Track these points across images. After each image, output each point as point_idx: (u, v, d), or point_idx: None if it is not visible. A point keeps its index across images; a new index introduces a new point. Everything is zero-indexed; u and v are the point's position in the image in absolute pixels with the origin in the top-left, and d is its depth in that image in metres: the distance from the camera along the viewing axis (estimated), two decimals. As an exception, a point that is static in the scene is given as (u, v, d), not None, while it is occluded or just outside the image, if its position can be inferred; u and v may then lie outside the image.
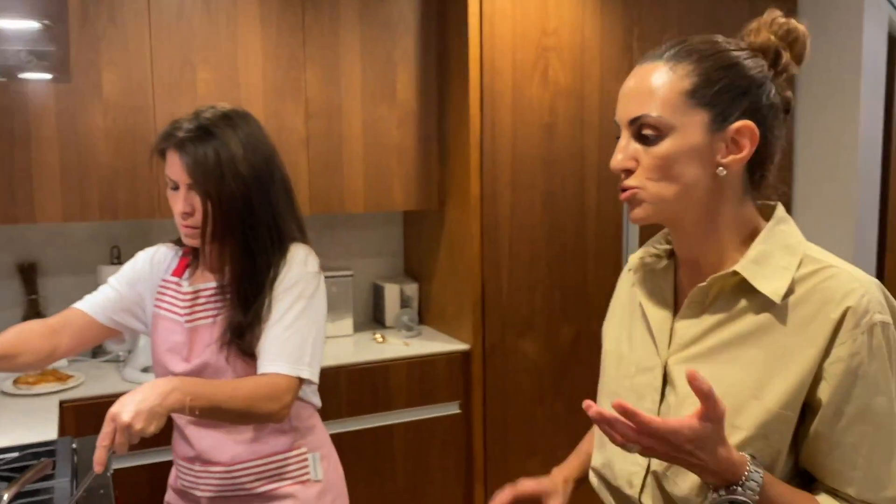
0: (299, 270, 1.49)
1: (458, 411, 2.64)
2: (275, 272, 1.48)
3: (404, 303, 2.98)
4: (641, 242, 2.81)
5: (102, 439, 1.22)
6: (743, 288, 0.97)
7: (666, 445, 0.86)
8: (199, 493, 1.56)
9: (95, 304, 1.58)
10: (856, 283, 0.93)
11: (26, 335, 1.50)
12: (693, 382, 0.83)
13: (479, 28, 2.53)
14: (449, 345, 2.67)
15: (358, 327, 2.92)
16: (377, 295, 3.03)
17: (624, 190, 1.01)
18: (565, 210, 2.72)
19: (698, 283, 1.00)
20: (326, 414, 1.98)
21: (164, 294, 1.58)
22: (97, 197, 2.31)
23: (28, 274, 2.56)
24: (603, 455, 1.12)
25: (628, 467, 1.05)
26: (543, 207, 2.68)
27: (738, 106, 0.95)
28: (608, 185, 2.77)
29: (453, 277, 2.75)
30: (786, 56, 0.98)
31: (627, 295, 1.16)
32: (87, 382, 2.28)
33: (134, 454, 2.21)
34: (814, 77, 3.04)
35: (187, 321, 1.52)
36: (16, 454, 1.60)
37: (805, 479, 0.98)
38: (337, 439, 1.78)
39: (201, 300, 1.53)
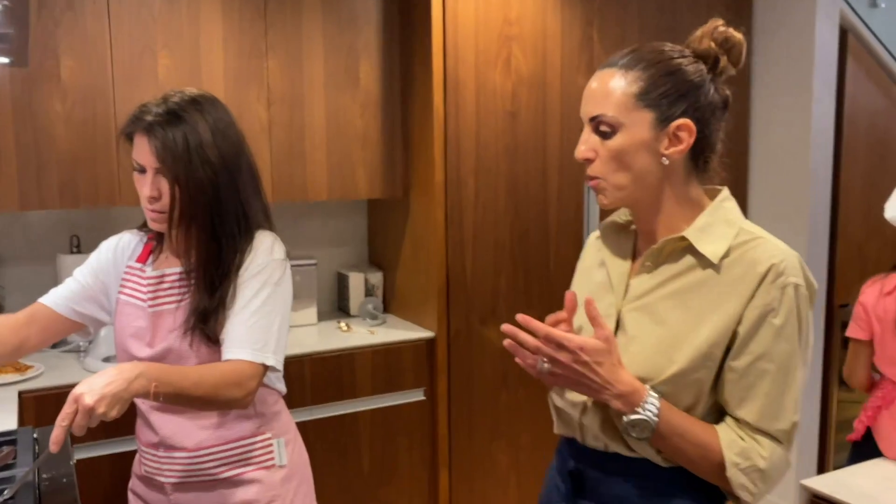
0: (265, 257, 1.49)
1: (423, 398, 2.67)
2: (240, 258, 1.48)
3: (369, 291, 2.99)
4: (602, 230, 2.87)
5: (62, 419, 1.21)
6: (688, 251, 1.17)
7: (568, 358, 1.09)
8: (163, 479, 1.55)
9: (59, 298, 1.56)
10: (778, 250, 1.13)
11: None
12: (587, 307, 1.11)
13: (443, 16, 2.55)
14: (414, 332, 2.69)
15: (322, 316, 2.92)
16: (342, 284, 3.03)
17: (590, 179, 1.19)
18: (528, 196, 2.75)
19: (652, 246, 1.20)
20: (292, 402, 1.99)
21: (127, 280, 1.57)
22: (56, 184, 2.28)
23: (-16, 264, 2.51)
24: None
25: (572, 394, 1.24)
26: (507, 194, 2.72)
27: (678, 106, 1.13)
28: (569, 171, 2.81)
29: (418, 265, 2.77)
30: (723, 61, 1.16)
31: (592, 257, 1.34)
32: (47, 372, 2.25)
33: (97, 443, 2.19)
34: (768, 69, 3.11)
35: (150, 306, 1.52)
36: (-24, 444, 1.59)
37: (720, 420, 1.16)
38: (303, 427, 1.80)
39: (165, 285, 1.53)
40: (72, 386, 2.14)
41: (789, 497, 2.98)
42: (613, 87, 1.15)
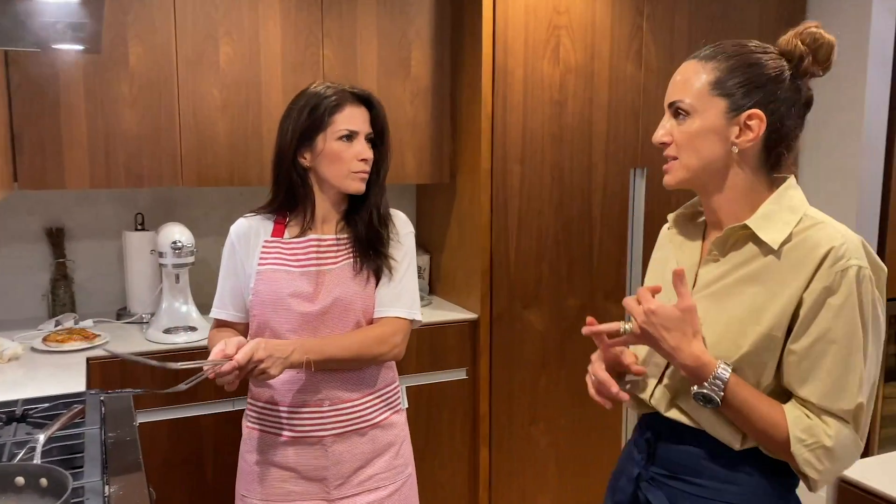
0: (406, 229, 1.80)
1: (466, 377, 2.75)
2: (387, 228, 1.76)
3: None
4: (647, 218, 2.89)
5: (221, 368, 1.47)
6: (751, 238, 1.21)
7: (641, 317, 1.18)
8: (323, 434, 1.70)
9: (236, 309, 1.78)
10: (839, 234, 1.15)
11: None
12: (674, 279, 1.17)
13: (493, 6, 2.60)
14: (458, 314, 2.77)
15: (370, 296, 3.01)
16: (389, 265, 3.12)
17: (666, 161, 1.26)
18: (573, 185, 2.79)
19: (717, 235, 1.25)
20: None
21: (268, 253, 1.72)
22: (123, 165, 2.42)
23: (56, 238, 2.67)
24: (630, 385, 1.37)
25: (646, 378, 1.32)
26: (552, 182, 2.76)
27: (752, 97, 1.17)
28: (615, 161, 2.84)
29: (463, 249, 2.84)
30: (808, 60, 1.19)
31: (665, 249, 1.40)
32: (112, 341, 2.40)
33: (158, 409, 2.33)
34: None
35: (313, 265, 1.70)
36: (48, 404, 1.72)
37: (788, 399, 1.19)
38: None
39: (322, 249, 1.71)
40: (135, 354, 2.29)
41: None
42: (692, 75, 1.22)
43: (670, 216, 1.39)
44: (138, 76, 2.40)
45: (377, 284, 1.73)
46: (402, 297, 1.74)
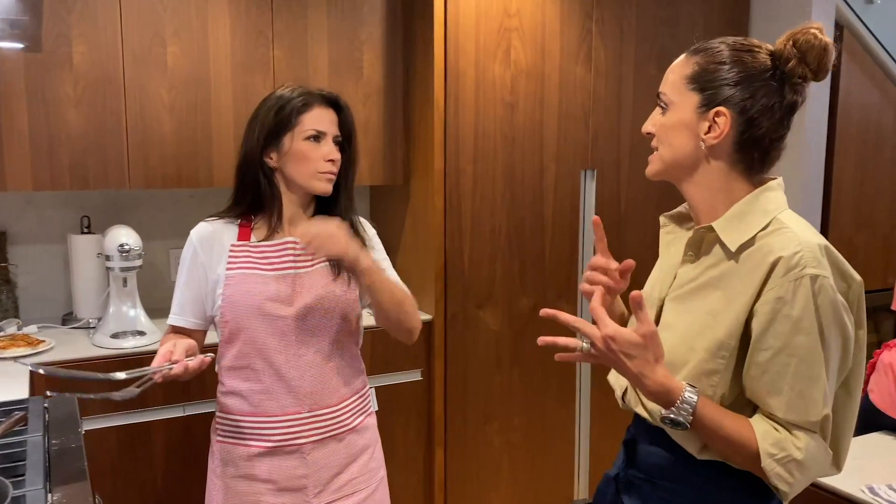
0: (371, 231, 1.84)
1: (420, 378, 2.75)
2: (359, 233, 1.76)
3: (369, 275, 3.06)
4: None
5: (171, 372, 1.50)
6: (719, 241, 1.19)
7: (601, 342, 1.12)
8: (302, 441, 1.68)
9: (193, 317, 1.74)
10: (796, 240, 1.11)
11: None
12: (631, 301, 1.11)
13: (444, 8, 2.61)
14: (412, 315, 2.77)
15: (324, 298, 2.99)
16: (343, 267, 3.11)
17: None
18: (525, 186, 2.82)
19: (689, 237, 1.24)
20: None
21: (236, 257, 1.69)
22: (67, 166, 2.36)
23: (-2, 242, 2.60)
24: None
25: (621, 377, 1.28)
26: (504, 183, 2.79)
27: (723, 94, 1.15)
28: (566, 162, 2.88)
29: (417, 250, 2.85)
30: (794, 63, 1.14)
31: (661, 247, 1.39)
32: (58, 347, 2.34)
33: (107, 415, 2.28)
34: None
35: (288, 270, 1.68)
36: (-11, 411, 1.67)
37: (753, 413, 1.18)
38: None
39: (293, 253, 1.69)
40: (80, 361, 2.24)
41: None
42: (677, 68, 1.22)
43: (662, 216, 1.37)
44: (83, 75, 2.35)
45: (350, 283, 1.74)
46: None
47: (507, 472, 2.92)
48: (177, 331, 1.76)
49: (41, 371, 1.48)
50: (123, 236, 2.43)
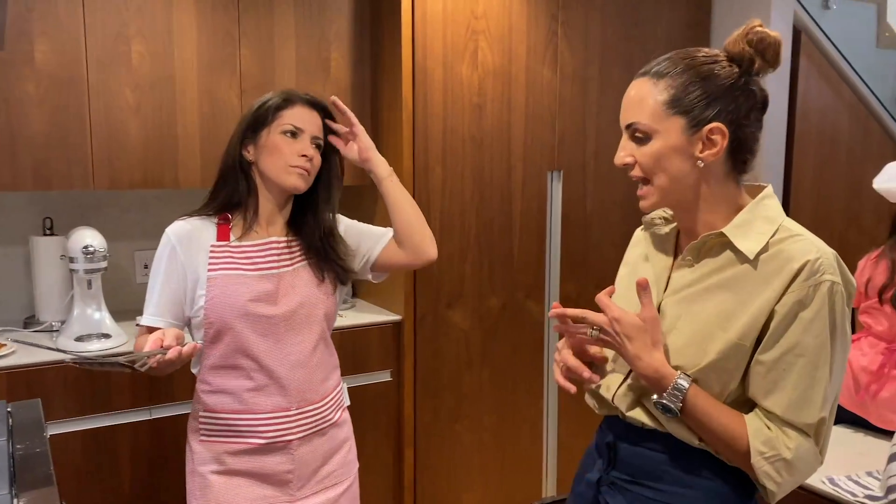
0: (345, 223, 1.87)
1: (390, 379, 2.76)
2: (338, 242, 1.79)
3: (338, 276, 3.06)
4: (564, 219, 2.97)
5: (165, 357, 1.46)
6: (727, 246, 1.21)
7: (606, 324, 1.19)
8: (290, 438, 1.70)
9: (174, 318, 1.71)
10: (815, 248, 1.15)
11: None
12: (637, 287, 1.18)
13: (412, 9, 2.62)
14: (381, 316, 2.78)
15: (292, 299, 2.98)
16: (311, 268, 3.10)
17: (640, 184, 1.25)
18: (493, 187, 2.85)
19: (693, 242, 1.25)
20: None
21: (217, 258, 1.67)
22: (30, 167, 2.32)
23: (-44, 244, 2.54)
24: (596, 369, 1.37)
25: (610, 378, 1.32)
26: (473, 183, 2.80)
27: (710, 110, 1.16)
28: (533, 163, 2.91)
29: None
30: (758, 61, 1.17)
31: (637, 251, 1.40)
32: (20, 351, 2.30)
33: (72, 419, 2.25)
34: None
35: (271, 269, 1.68)
36: (-49, 417, 1.64)
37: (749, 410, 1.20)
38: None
39: (275, 251, 1.70)
40: (43, 364, 2.20)
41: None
42: (646, 95, 1.19)
43: (644, 219, 1.38)
44: (45, 75, 2.31)
45: (335, 290, 1.78)
46: (372, 229, 1.90)
47: (476, 471, 2.94)
48: (151, 332, 1.72)
49: (80, 358, 1.46)
50: (88, 238, 2.39)
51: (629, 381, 1.28)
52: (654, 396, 1.19)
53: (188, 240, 1.68)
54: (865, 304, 2.26)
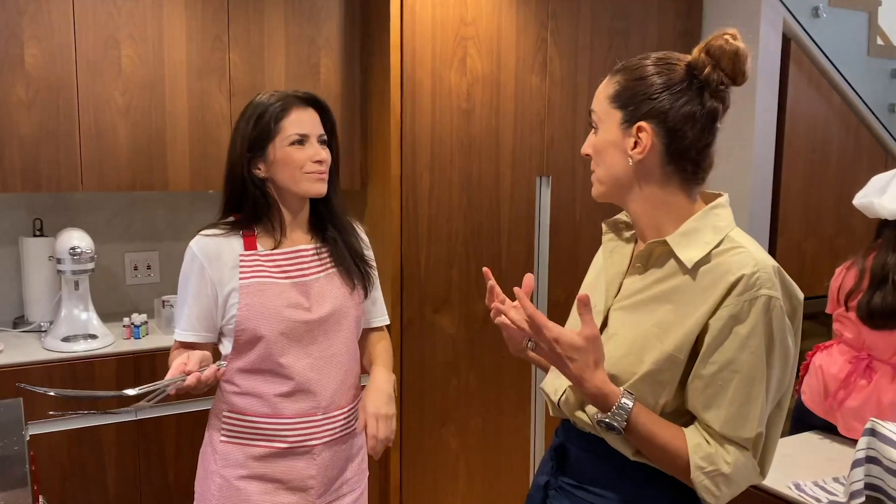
0: (363, 233, 1.88)
1: (376, 382, 2.76)
2: (356, 235, 1.81)
3: (327, 279, 3.07)
4: (552, 225, 2.98)
5: (184, 384, 1.50)
6: (671, 255, 1.20)
7: (545, 343, 1.16)
8: (314, 443, 1.70)
9: (206, 330, 1.72)
10: (754, 261, 1.14)
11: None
12: (577, 304, 1.14)
13: (400, 15, 2.64)
14: (368, 319, 2.79)
15: (281, 302, 2.99)
16: (301, 271, 3.11)
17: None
18: (481, 192, 2.86)
19: (640, 249, 1.25)
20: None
21: (247, 267, 1.67)
22: (19, 169, 2.34)
23: (-53, 245, 2.57)
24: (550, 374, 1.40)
25: (557, 381, 1.33)
26: (461, 189, 2.82)
27: (642, 108, 1.18)
28: (521, 169, 2.92)
29: (374, 255, 2.86)
30: (709, 70, 1.16)
31: (602, 252, 1.39)
32: (7, 351, 2.32)
33: (57, 419, 2.26)
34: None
35: (301, 277, 1.70)
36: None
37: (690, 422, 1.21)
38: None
39: (306, 259, 1.72)
40: (31, 364, 2.22)
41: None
42: (603, 87, 1.25)
43: (604, 222, 1.38)
44: (35, 78, 2.33)
45: (366, 296, 1.80)
46: (381, 303, 1.90)
47: (463, 475, 2.95)
48: (185, 346, 1.71)
49: (51, 393, 1.47)
50: (75, 239, 2.42)
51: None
52: (598, 415, 1.17)
53: (216, 255, 1.67)
54: (837, 312, 2.27)
